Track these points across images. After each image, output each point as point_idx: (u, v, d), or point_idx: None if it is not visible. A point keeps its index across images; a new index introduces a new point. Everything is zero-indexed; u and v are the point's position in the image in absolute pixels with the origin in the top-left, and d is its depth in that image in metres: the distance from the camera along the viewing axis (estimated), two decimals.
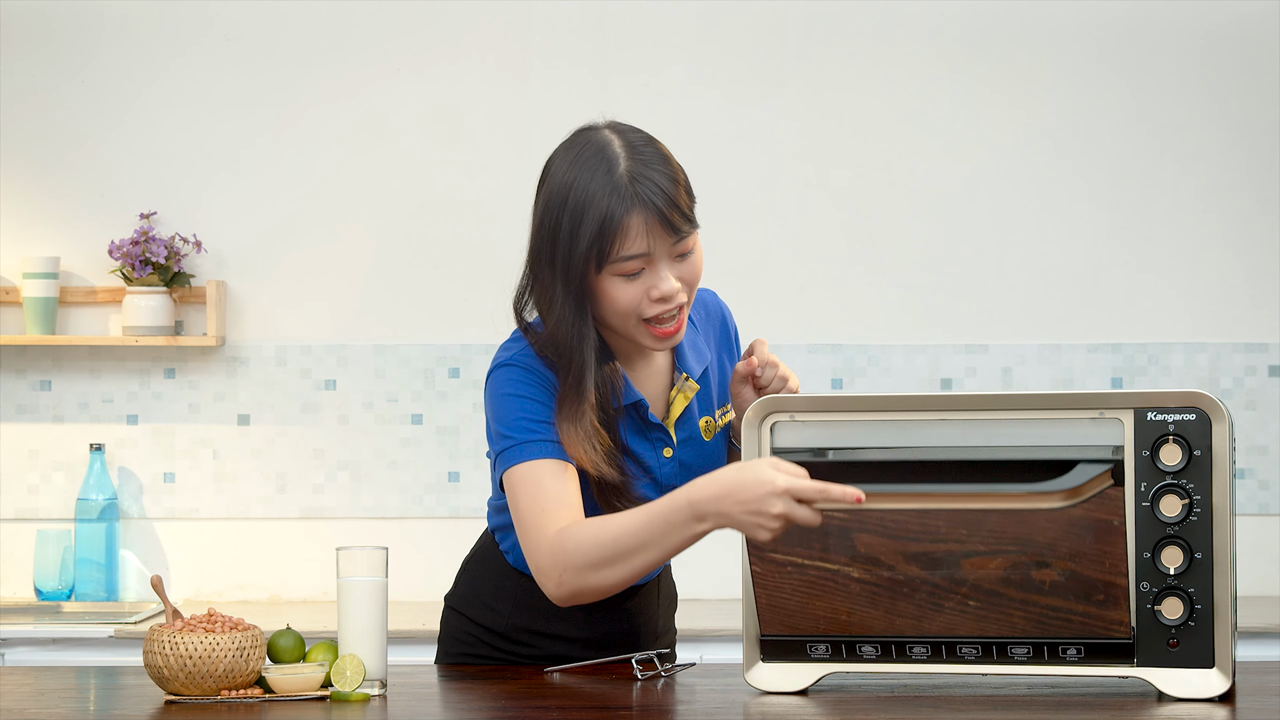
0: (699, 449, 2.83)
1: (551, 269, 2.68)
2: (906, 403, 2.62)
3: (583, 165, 2.65)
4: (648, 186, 2.65)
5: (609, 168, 2.64)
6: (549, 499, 2.63)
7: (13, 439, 4.83)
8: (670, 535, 2.53)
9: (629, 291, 2.66)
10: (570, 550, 2.57)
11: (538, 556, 2.61)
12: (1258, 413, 4.79)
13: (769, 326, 4.80)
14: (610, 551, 2.56)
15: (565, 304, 2.67)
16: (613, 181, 2.63)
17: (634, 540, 2.55)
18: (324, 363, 4.84)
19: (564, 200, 2.65)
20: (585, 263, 2.64)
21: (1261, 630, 4.21)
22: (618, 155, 2.66)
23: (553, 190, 2.67)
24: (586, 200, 2.63)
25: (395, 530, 4.78)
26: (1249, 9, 4.78)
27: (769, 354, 2.81)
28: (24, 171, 4.83)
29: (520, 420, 2.68)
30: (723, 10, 4.82)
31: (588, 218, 2.63)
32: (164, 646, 2.57)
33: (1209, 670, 2.51)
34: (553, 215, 2.66)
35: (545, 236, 2.68)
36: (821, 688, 2.63)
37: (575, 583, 2.58)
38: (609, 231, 2.62)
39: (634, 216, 2.63)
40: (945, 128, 4.82)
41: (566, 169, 2.67)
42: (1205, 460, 2.51)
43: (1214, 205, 4.81)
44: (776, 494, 2.45)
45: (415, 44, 4.83)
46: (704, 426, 2.83)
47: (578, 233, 2.63)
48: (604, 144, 2.67)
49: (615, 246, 2.63)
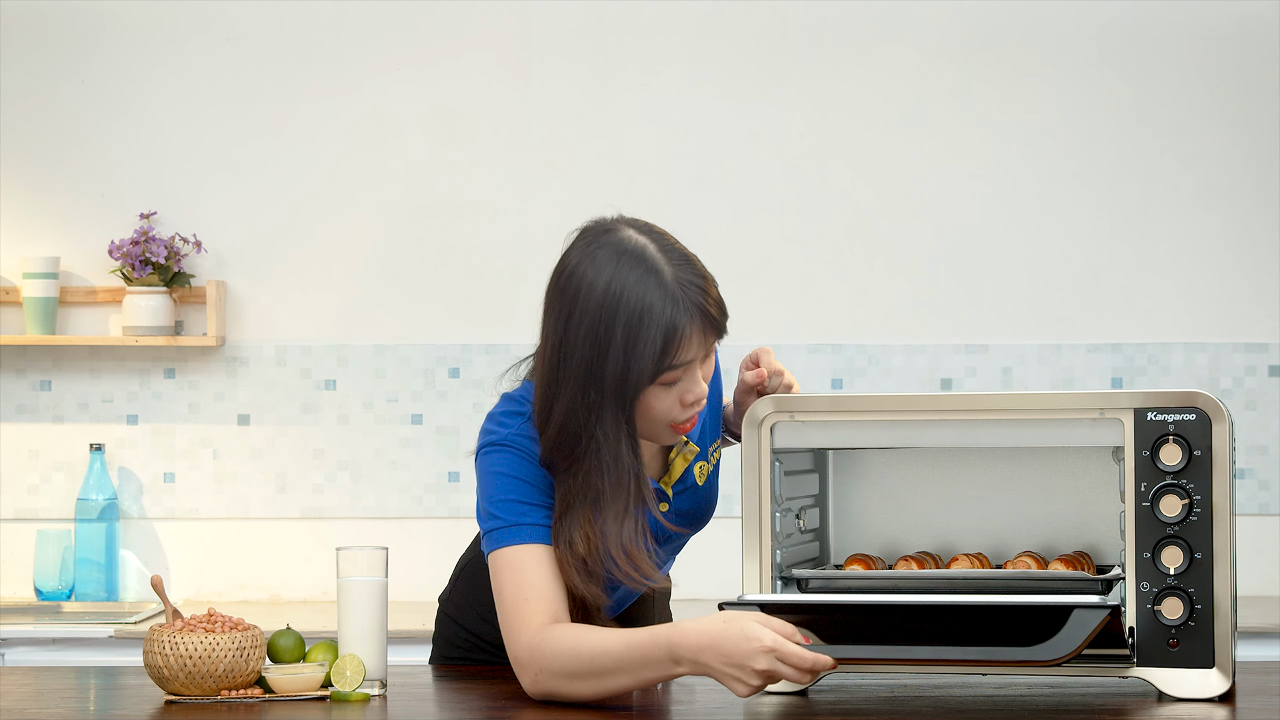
0: (694, 495, 2.82)
1: (595, 382, 2.56)
2: (906, 403, 2.62)
3: (628, 271, 2.56)
4: (695, 293, 2.57)
5: (657, 276, 2.56)
6: (533, 588, 2.58)
7: (13, 439, 4.83)
8: (644, 670, 2.50)
9: (666, 400, 2.60)
10: (548, 655, 2.54)
11: (517, 649, 2.57)
12: (1258, 413, 4.79)
13: (769, 326, 4.80)
14: (585, 667, 2.52)
15: (609, 416, 2.57)
16: (665, 289, 2.55)
17: (609, 663, 2.51)
18: (324, 363, 4.84)
19: (615, 310, 2.54)
20: (643, 375, 2.55)
21: (1261, 630, 4.21)
22: (658, 260, 2.57)
23: (599, 300, 2.55)
24: (644, 310, 2.53)
25: (395, 530, 4.78)
26: (1249, 9, 4.78)
27: (775, 363, 2.80)
28: (24, 171, 4.83)
29: (510, 503, 2.62)
30: (723, 8, 4.82)
31: (648, 328, 2.53)
32: (164, 646, 2.57)
33: (1209, 670, 2.51)
34: (602, 326, 2.55)
35: (591, 349, 2.55)
36: (821, 688, 2.63)
37: (548, 686, 2.55)
38: (672, 342, 2.54)
39: (693, 326, 2.56)
40: (946, 128, 4.82)
41: (610, 276, 2.56)
42: (1205, 460, 2.51)
43: (1214, 205, 4.81)
44: (763, 650, 2.41)
45: (415, 43, 4.83)
46: (698, 473, 2.82)
47: (635, 344, 2.54)
48: (639, 248, 2.58)
49: (676, 357, 2.56)
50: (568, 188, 4.82)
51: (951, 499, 2.81)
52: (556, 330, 2.59)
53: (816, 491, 2.85)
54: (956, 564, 2.71)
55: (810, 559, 2.82)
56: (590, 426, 2.58)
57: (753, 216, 4.82)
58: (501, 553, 2.61)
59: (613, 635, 2.52)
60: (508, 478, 2.63)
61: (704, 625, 2.46)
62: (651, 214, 4.78)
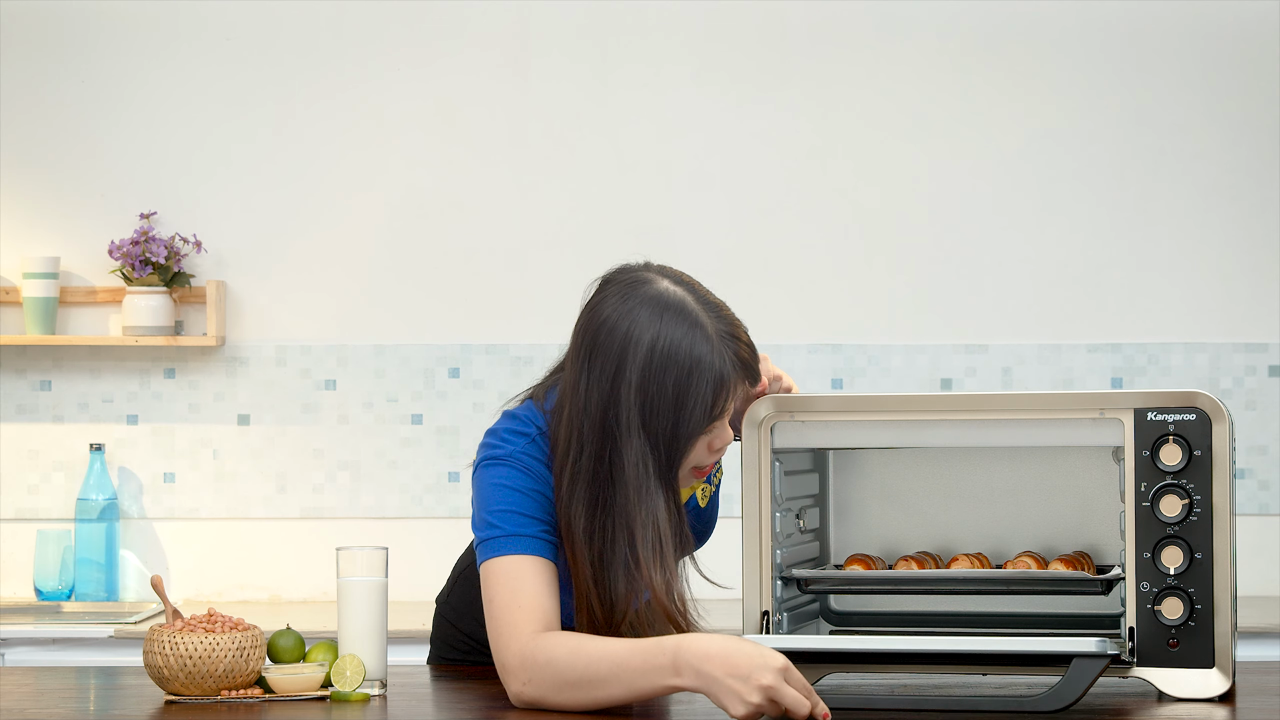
0: (695, 515, 2.82)
1: (646, 436, 2.54)
2: (906, 403, 2.62)
3: (673, 327, 2.54)
4: (733, 344, 2.57)
5: (701, 330, 2.55)
6: (527, 596, 2.55)
7: (13, 439, 4.83)
8: (643, 678, 2.45)
9: (699, 449, 2.59)
10: (542, 662, 2.50)
11: (506, 656, 2.53)
12: (1258, 413, 4.79)
13: (769, 326, 4.80)
14: (581, 675, 2.47)
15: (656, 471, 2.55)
16: (710, 342, 2.54)
17: (607, 670, 2.46)
18: (324, 363, 4.84)
19: (665, 365, 2.53)
20: (696, 428, 2.54)
21: (1261, 630, 4.21)
22: (698, 313, 2.56)
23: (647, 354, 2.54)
24: (694, 364, 2.53)
25: (395, 530, 4.78)
26: (1249, 9, 4.78)
27: (774, 368, 2.80)
28: (24, 171, 4.83)
29: (508, 513, 2.60)
30: (724, 7, 4.82)
31: (698, 382, 2.53)
32: (164, 646, 2.57)
33: (1209, 670, 2.51)
34: (654, 382, 2.53)
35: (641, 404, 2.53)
36: (821, 688, 2.63)
37: (537, 695, 2.51)
38: (720, 394, 2.54)
39: (737, 377, 2.57)
40: (946, 127, 4.81)
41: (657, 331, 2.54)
42: (1205, 460, 2.51)
43: (1214, 205, 4.81)
44: (774, 668, 2.37)
45: (415, 41, 4.83)
46: (700, 495, 2.82)
47: (686, 398, 2.53)
48: (680, 300, 2.56)
49: (722, 407, 2.55)
50: (568, 187, 4.82)
51: (951, 499, 2.81)
52: (603, 383, 2.55)
53: (816, 491, 2.85)
54: (956, 564, 2.71)
55: (810, 559, 2.82)
56: (646, 482, 2.55)
57: (753, 216, 4.82)
58: (496, 562, 2.59)
59: (613, 640, 2.49)
60: (507, 489, 2.61)
61: (715, 639, 2.43)
62: (651, 214, 4.81)
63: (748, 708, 2.37)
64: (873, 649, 2.53)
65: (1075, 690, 2.39)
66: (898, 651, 2.52)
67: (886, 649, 2.53)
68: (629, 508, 2.55)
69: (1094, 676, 2.39)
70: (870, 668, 2.62)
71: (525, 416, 2.66)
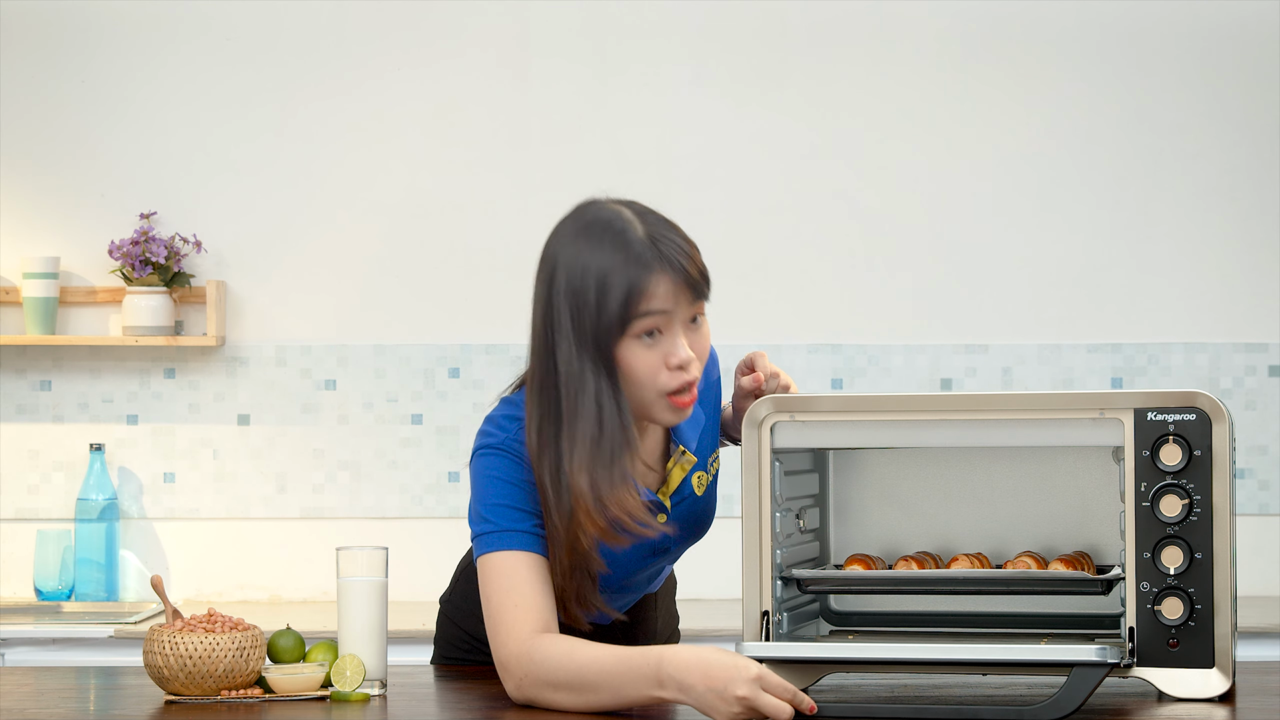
0: (692, 504, 2.81)
1: (575, 333, 2.60)
2: (906, 403, 2.62)
3: (598, 240, 2.60)
4: (669, 246, 2.59)
5: (628, 231, 2.59)
6: (522, 595, 2.59)
7: (13, 439, 4.83)
8: (628, 687, 2.49)
9: (648, 358, 2.60)
10: (537, 662, 2.55)
11: (504, 654, 2.58)
12: (1258, 413, 4.79)
13: (769, 326, 4.81)
14: (573, 679, 2.53)
15: (588, 366, 2.59)
16: (632, 244, 2.58)
17: (596, 677, 2.51)
18: (324, 363, 4.84)
19: (583, 271, 2.58)
20: (610, 329, 2.58)
21: (1261, 630, 4.21)
22: (630, 221, 2.61)
23: (570, 268, 2.60)
24: (608, 267, 2.57)
25: (395, 530, 4.78)
26: (1249, 9, 4.78)
27: (770, 365, 2.81)
28: (24, 171, 4.83)
29: (502, 508, 2.62)
30: (723, 8, 4.82)
31: (612, 282, 2.57)
32: (164, 646, 2.57)
33: (1209, 670, 2.51)
34: (574, 290, 2.59)
35: (568, 303, 2.60)
36: (821, 688, 2.63)
37: (533, 693, 2.56)
38: (638, 288, 2.57)
39: (657, 276, 2.58)
40: (946, 127, 4.82)
41: (581, 244, 2.61)
42: (1205, 460, 2.51)
43: (1214, 205, 4.81)
44: (747, 679, 2.40)
45: (415, 43, 4.83)
46: (696, 483, 2.82)
47: (606, 294, 2.57)
48: (613, 215, 2.62)
49: (641, 304, 2.57)
50: (568, 188, 4.81)
51: (951, 499, 2.81)
52: (542, 296, 2.64)
53: (816, 491, 2.85)
54: (956, 564, 2.71)
55: (810, 559, 2.82)
56: (579, 379, 2.60)
57: (753, 216, 4.82)
58: (491, 558, 2.61)
59: (604, 649, 2.53)
60: (501, 482, 2.63)
61: (697, 650, 2.47)
62: None
63: (729, 718, 2.41)
64: (872, 657, 2.53)
65: (1075, 699, 2.39)
66: (898, 659, 2.52)
67: (886, 657, 2.53)
68: (565, 411, 2.60)
69: (1094, 685, 2.39)
70: (870, 669, 2.62)
71: (519, 401, 2.69)
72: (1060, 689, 2.40)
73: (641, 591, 2.91)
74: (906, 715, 2.47)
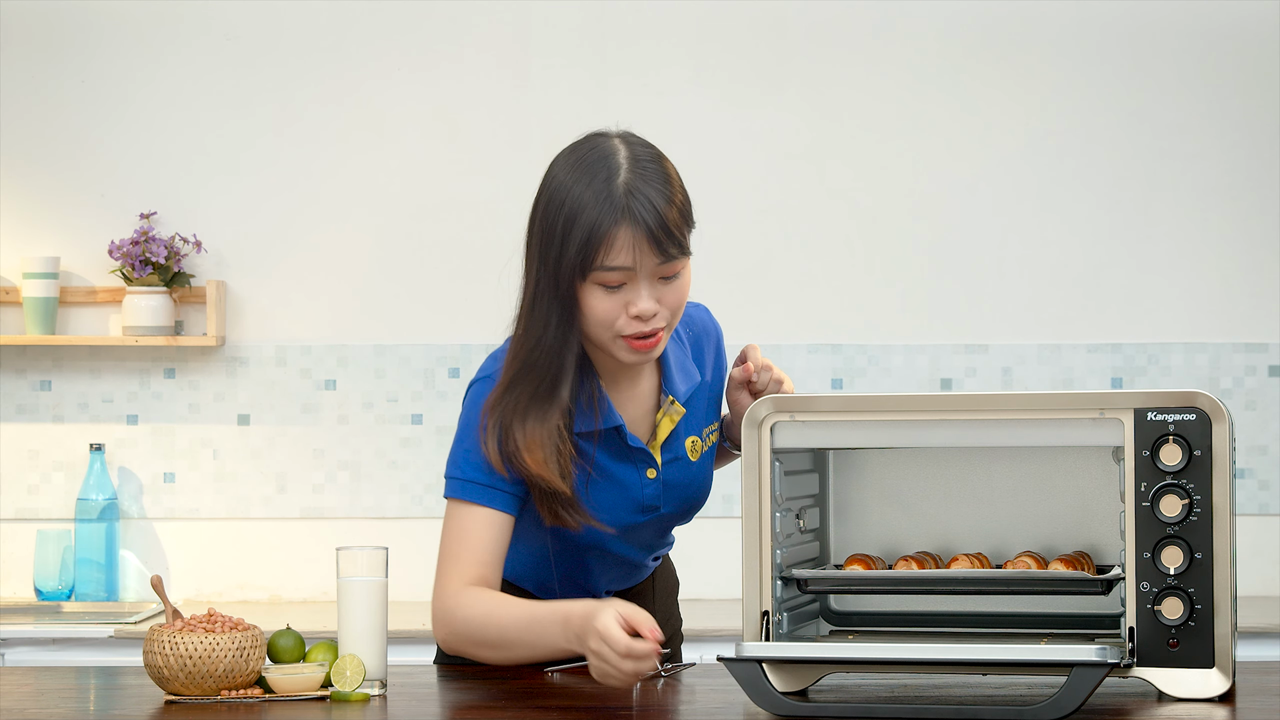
0: (684, 469, 2.82)
1: (543, 269, 2.68)
2: (906, 403, 2.62)
3: (583, 171, 2.65)
4: (641, 202, 2.63)
5: (608, 176, 2.64)
6: (469, 549, 2.68)
7: (13, 439, 4.83)
8: (542, 642, 2.60)
9: (607, 304, 2.65)
10: (459, 619, 2.65)
11: (436, 607, 2.69)
12: (1258, 413, 4.79)
13: (769, 326, 4.80)
14: (491, 637, 2.64)
15: (551, 307, 2.67)
16: (608, 191, 2.63)
17: (514, 635, 2.62)
18: (324, 363, 4.84)
19: (561, 203, 2.65)
20: (572, 268, 2.64)
21: (1261, 630, 4.21)
22: (619, 166, 2.65)
23: (551, 192, 2.68)
24: (580, 206, 2.63)
25: (395, 530, 4.78)
26: (1249, 9, 4.78)
27: (762, 358, 2.82)
28: (24, 171, 4.83)
29: (479, 458, 2.70)
30: (723, 9, 4.82)
31: (579, 223, 2.63)
32: (164, 646, 2.57)
33: (1209, 670, 2.51)
34: (549, 218, 2.67)
35: (538, 236, 2.70)
36: (821, 688, 2.63)
37: (458, 647, 2.68)
38: (595, 241, 2.62)
39: (622, 229, 2.62)
40: (945, 127, 4.82)
41: (567, 172, 2.67)
42: (1205, 460, 2.51)
43: (1214, 205, 4.81)
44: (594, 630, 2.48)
45: (415, 43, 4.83)
46: (690, 446, 2.82)
47: (569, 237, 2.63)
48: (609, 152, 2.67)
49: (599, 256, 2.62)
50: None
51: (951, 499, 2.81)
52: (530, 221, 2.73)
53: (816, 491, 2.85)
54: (956, 564, 2.71)
55: (810, 559, 2.82)
56: (536, 306, 2.68)
57: (752, 217, 4.82)
58: (453, 505, 2.71)
59: (520, 608, 2.62)
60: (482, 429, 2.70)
61: (589, 604, 2.54)
62: None
63: (597, 672, 2.50)
64: (872, 657, 2.53)
65: (1075, 700, 2.39)
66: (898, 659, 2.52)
67: (886, 657, 2.53)
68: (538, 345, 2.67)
69: (1093, 686, 2.39)
70: (870, 669, 2.63)
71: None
72: (1060, 689, 2.40)
73: (640, 567, 2.91)
74: (906, 715, 2.47)
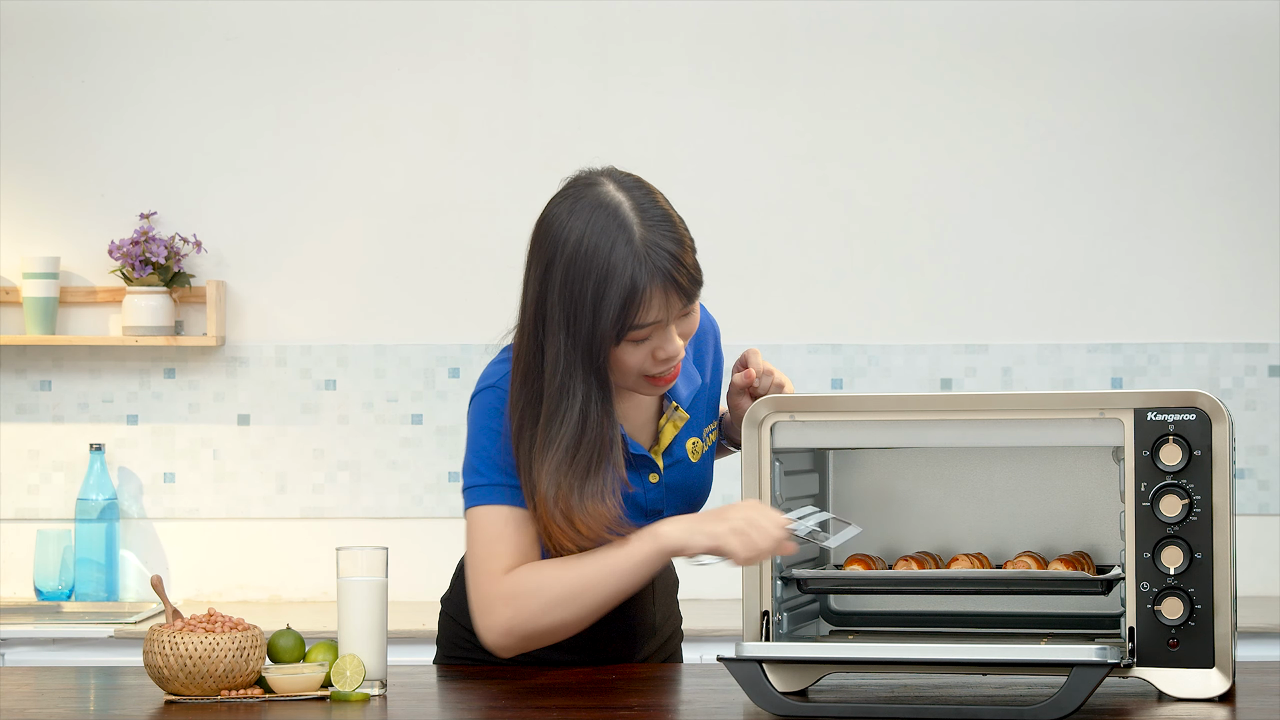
0: (685, 470, 2.82)
1: (570, 340, 2.61)
2: (906, 403, 2.62)
3: (601, 230, 2.60)
4: (662, 256, 2.60)
5: (626, 235, 2.59)
6: (506, 544, 2.64)
7: (13, 439, 4.83)
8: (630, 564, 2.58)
9: (637, 356, 2.63)
10: (524, 590, 2.59)
11: (488, 595, 2.62)
12: (1258, 413, 4.79)
13: (769, 326, 4.80)
14: (569, 585, 2.59)
15: (585, 379, 2.61)
16: (630, 251, 2.58)
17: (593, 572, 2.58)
18: (324, 363, 4.84)
19: (585, 272, 2.59)
20: (606, 338, 2.59)
21: (1261, 630, 4.21)
22: (630, 222, 2.60)
23: (571, 255, 2.61)
24: (607, 273, 2.58)
25: (395, 530, 4.78)
26: (1249, 9, 4.78)
27: (763, 362, 2.82)
28: (24, 171, 4.83)
29: (494, 460, 2.66)
30: (723, 9, 4.82)
31: (610, 293, 2.58)
32: (164, 646, 2.57)
33: (1209, 670, 2.51)
34: (571, 287, 2.60)
35: (561, 308, 2.61)
36: (821, 688, 2.63)
37: (527, 625, 2.60)
38: (631, 307, 2.58)
39: (653, 289, 2.59)
40: (945, 127, 4.82)
41: (582, 231, 2.60)
42: (1205, 460, 2.51)
43: (1214, 205, 4.81)
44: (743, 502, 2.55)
45: (415, 43, 4.83)
46: (691, 448, 2.83)
47: (600, 306, 2.58)
48: (615, 206, 2.61)
49: (636, 318, 2.59)
50: None
51: (951, 499, 2.81)
52: (536, 279, 2.66)
53: (816, 491, 2.85)
54: (956, 564, 2.71)
55: (810, 559, 2.82)
56: (566, 380, 2.62)
57: (752, 217, 4.82)
58: (479, 511, 2.67)
59: (585, 554, 2.60)
60: (493, 432, 2.67)
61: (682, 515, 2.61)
62: None
63: (727, 529, 2.55)
64: (872, 657, 2.53)
65: (1075, 700, 2.39)
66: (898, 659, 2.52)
67: (886, 657, 2.53)
68: (545, 410, 2.62)
69: (1094, 686, 2.39)
70: (870, 669, 2.63)
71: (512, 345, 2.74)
72: (1060, 689, 2.40)
73: None
74: (906, 715, 2.47)
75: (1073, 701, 2.39)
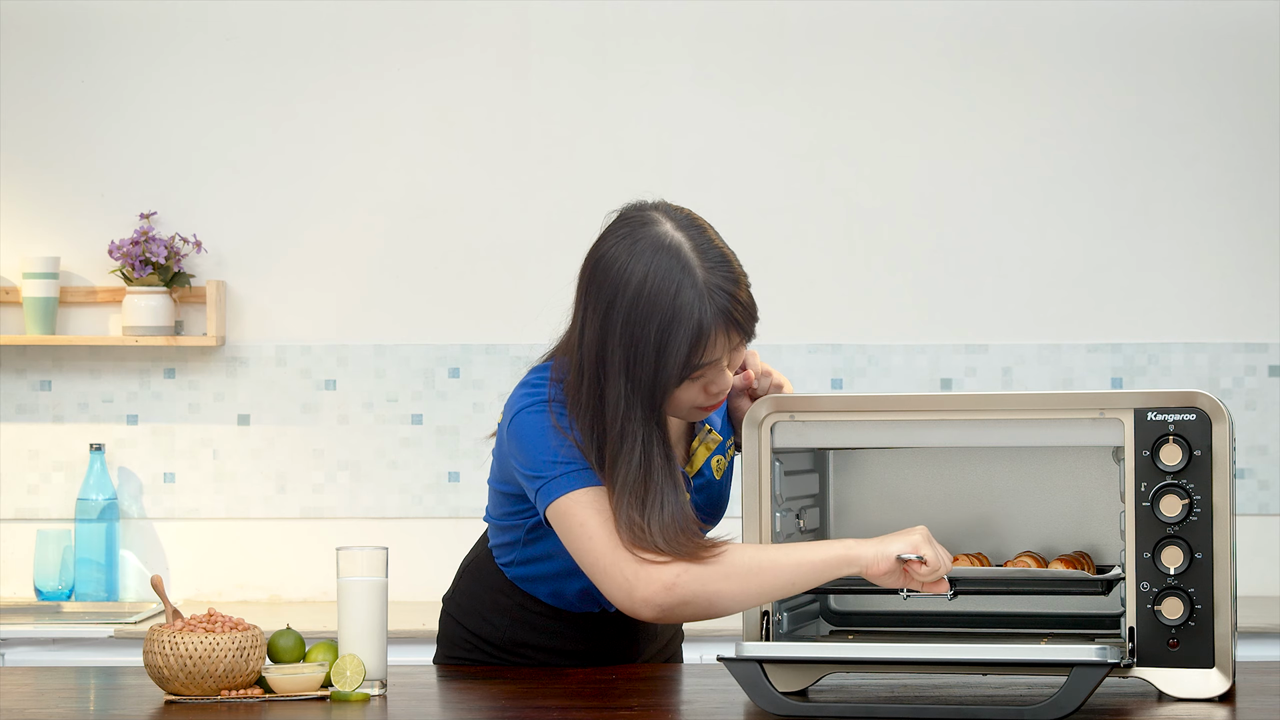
0: (710, 490, 2.83)
1: (627, 379, 2.59)
2: (906, 403, 2.62)
3: (665, 274, 2.58)
4: (724, 298, 2.60)
5: (691, 279, 2.58)
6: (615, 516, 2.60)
7: (13, 439, 4.83)
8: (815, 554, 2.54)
9: (692, 392, 2.63)
10: (715, 559, 2.53)
11: (626, 558, 2.54)
12: (1258, 413, 4.79)
13: (769, 326, 4.77)
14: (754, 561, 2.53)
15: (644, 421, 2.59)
16: (697, 293, 2.58)
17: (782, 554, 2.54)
18: (324, 363, 4.84)
19: (649, 311, 2.57)
20: (667, 380, 2.58)
21: (1261, 630, 4.21)
22: (693, 262, 2.60)
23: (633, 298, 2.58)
24: (675, 314, 2.57)
25: (395, 530, 4.78)
26: (1249, 9, 4.78)
27: (762, 364, 2.82)
28: (24, 171, 4.83)
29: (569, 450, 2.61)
30: (723, 8, 4.82)
31: (678, 333, 2.57)
32: (164, 646, 2.57)
33: (1209, 670, 2.51)
34: (638, 326, 2.57)
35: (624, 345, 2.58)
36: (821, 688, 2.63)
37: (693, 587, 2.54)
38: (698, 346, 2.57)
39: (717, 328, 2.59)
40: (946, 127, 4.82)
41: (644, 273, 2.58)
42: (1205, 460, 2.51)
43: (1214, 205, 4.81)
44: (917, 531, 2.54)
45: (414, 42, 4.83)
46: (715, 466, 2.83)
47: (666, 348, 2.57)
48: (675, 247, 2.60)
49: (698, 359, 2.58)
50: (568, 187, 4.82)
51: (951, 499, 2.81)
52: (596, 322, 2.60)
53: (816, 491, 2.85)
54: (956, 564, 2.71)
55: None
56: (626, 424, 2.59)
57: (753, 216, 4.82)
58: (574, 495, 2.59)
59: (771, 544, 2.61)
60: (556, 431, 2.63)
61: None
62: None
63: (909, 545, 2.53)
64: (872, 657, 2.53)
65: (1075, 700, 2.39)
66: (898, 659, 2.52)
67: (886, 657, 2.53)
68: (611, 444, 2.59)
69: (1094, 685, 2.39)
70: (870, 669, 2.62)
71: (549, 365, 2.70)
72: (1060, 689, 2.40)
73: None
74: (906, 715, 2.47)
75: (1073, 701, 2.39)
